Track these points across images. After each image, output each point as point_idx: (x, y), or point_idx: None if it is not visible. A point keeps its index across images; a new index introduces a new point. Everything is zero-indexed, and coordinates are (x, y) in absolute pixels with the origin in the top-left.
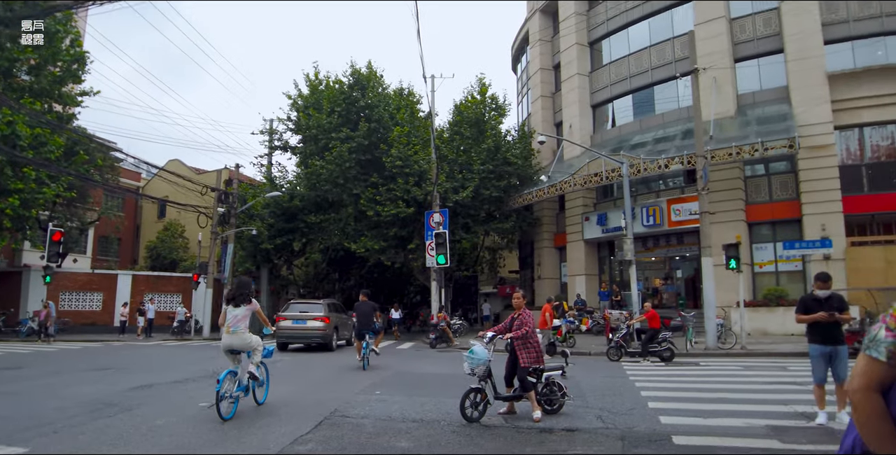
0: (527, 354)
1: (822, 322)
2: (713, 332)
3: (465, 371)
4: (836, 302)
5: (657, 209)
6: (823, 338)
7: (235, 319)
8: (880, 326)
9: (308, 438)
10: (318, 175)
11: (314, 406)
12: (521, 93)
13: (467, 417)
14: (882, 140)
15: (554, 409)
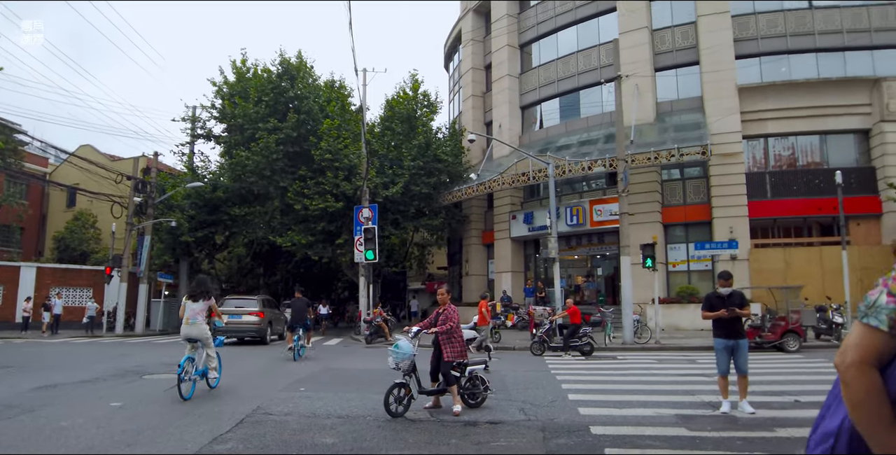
0: (451, 349)
1: (725, 318)
2: (630, 328)
3: (390, 366)
4: (737, 299)
5: (580, 209)
6: (726, 332)
7: (194, 312)
8: (880, 291)
9: (228, 437)
10: (244, 166)
11: (236, 403)
12: (452, 91)
13: (391, 412)
14: (784, 150)
15: (476, 403)
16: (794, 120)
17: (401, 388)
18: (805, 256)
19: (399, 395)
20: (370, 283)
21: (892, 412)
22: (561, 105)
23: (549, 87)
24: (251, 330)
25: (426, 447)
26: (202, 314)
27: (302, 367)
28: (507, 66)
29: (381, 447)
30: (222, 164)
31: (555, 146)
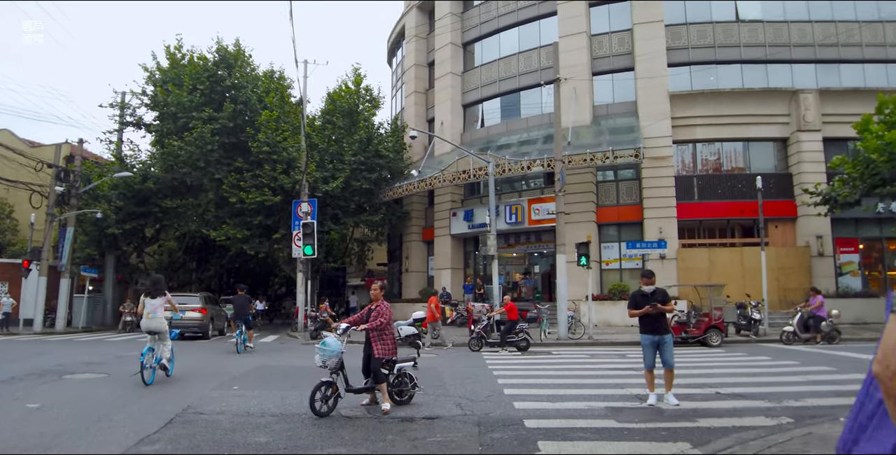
0: (382, 346)
1: (650, 314)
2: (565, 324)
3: (317, 363)
4: (660, 296)
5: (519, 208)
6: (652, 329)
7: (153, 308)
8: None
9: (155, 438)
10: (176, 156)
11: (165, 403)
12: (395, 86)
13: (317, 412)
14: (710, 155)
15: (404, 400)
16: (721, 127)
17: (327, 386)
18: (728, 256)
19: (325, 394)
20: (308, 278)
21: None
22: (502, 105)
23: (491, 87)
24: (194, 325)
25: (362, 444)
26: (160, 309)
27: (236, 364)
28: (449, 64)
29: (316, 445)
30: (153, 154)
31: (495, 145)
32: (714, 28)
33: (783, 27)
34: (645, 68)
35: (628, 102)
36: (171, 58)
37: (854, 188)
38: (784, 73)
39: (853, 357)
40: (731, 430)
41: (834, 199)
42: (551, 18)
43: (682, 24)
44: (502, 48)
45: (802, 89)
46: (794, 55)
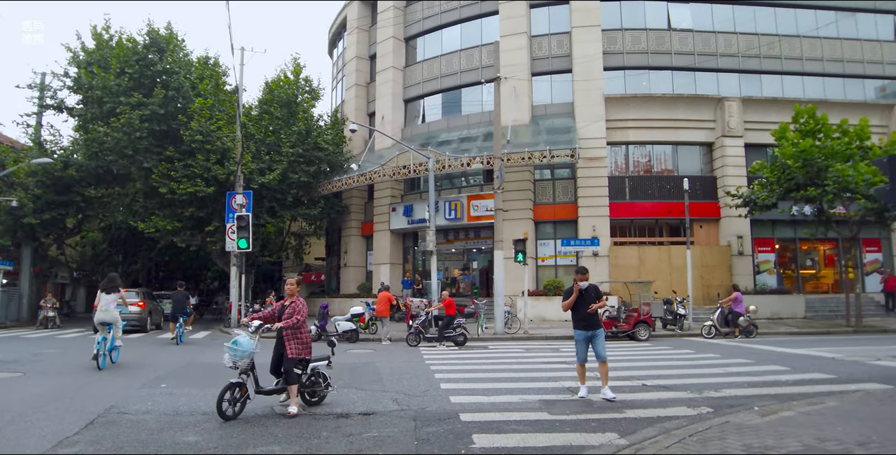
0: (296, 345)
1: (582, 310)
2: (501, 319)
3: (226, 363)
4: (593, 292)
5: (458, 204)
6: (584, 324)
7: (107, 302)
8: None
9: (75, 440)
10: (102, 143)
11: (86, 403)
12: (335, 78)
13: (225, 415)
14: (642, 157)
15: (316, 401)
16: (651, 130)
17: (236, 388)
18: (656, 254)
19: (234, 397)
20: (243, 273)
21: None
22: (443, 101)
23: (433, 83)
24: (133, 319)
25: (296, 441)
26: (114, 303)
27: (166, 361)
28: (391, 58)
29: (248, 443)
30: (76, 140)
31: (436, 141)
32: (647, 35)
33: (711, 37)
34: (582, 71)
35: (565, 103)
36: (97, 39)
37: (772, 192)
38: (711, 81)
39: (768, 350)
40: (655, 420)
41: (753, 202)
42: (493, 17)
43: (618, 29)
44: (444, 45)
45: (727, 97)
46: (721, 64)
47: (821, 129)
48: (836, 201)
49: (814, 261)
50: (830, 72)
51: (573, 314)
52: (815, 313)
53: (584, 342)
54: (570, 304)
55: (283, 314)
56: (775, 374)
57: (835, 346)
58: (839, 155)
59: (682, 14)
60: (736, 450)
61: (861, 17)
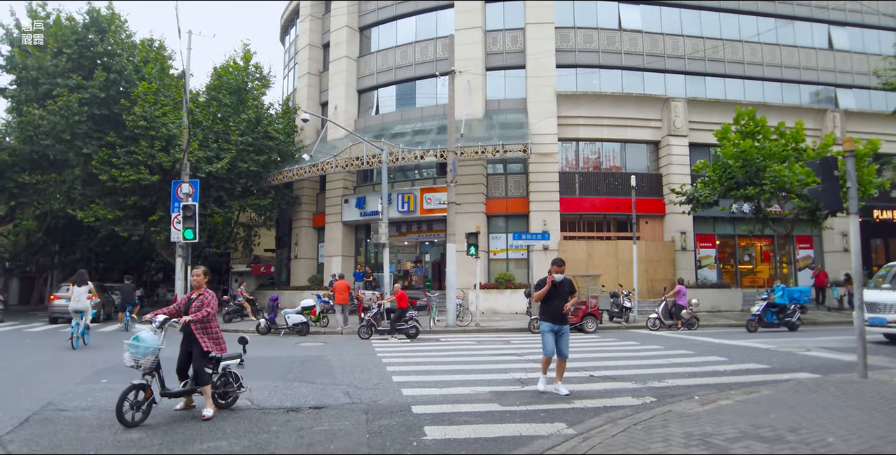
0: (209, 340)
1: (554, 303)
2: (453, 312)
3: (127, 363)
4: (567, 285)
5: (411, 197)
6: (553, 317)
7: (79, 294)
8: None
9: (8, 439)
10: (37, 126)
11: (20, 400)
12: (287, 66)
13: (126, 422)
14: (591, 154)
15: (228, 403)
16: (601, 128)
17: (139, 390)
18: (604, 248)
19: (136, 400)
20: (188, 264)
21: None
22: (397, 93)
23: (387, 74)
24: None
25: (245, 436)
26: (85, 294)
27: (106, 355)
28: (345, 48)
29: (195, 439)
30: (9, 122)
31: (389, 133)
32: (599, 34)
33: (659, 38)
34: (535, 67)
35: (518, 99)
36: (33, 16)
37: (713, 190)
38: (658, 82)
39: (708, 341)
40: (602, 410)
41: (696, 199)
42: (448, 10)
43: (570, 27)
44: (399, 36)
45: (673, 97)
46: (668, 65)
47: (760, 131)
48: (772, 200)
49: (751, 256)
50: (769, 76)
51: (542, 306)
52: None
53: (551, 335)
54: (542, 296)
55: (191, 307)
56: (714, 364)
57: (769, 338)
58: (776, 156)
59: (633, 15)
60: (677, 437)
61: (798, 25)
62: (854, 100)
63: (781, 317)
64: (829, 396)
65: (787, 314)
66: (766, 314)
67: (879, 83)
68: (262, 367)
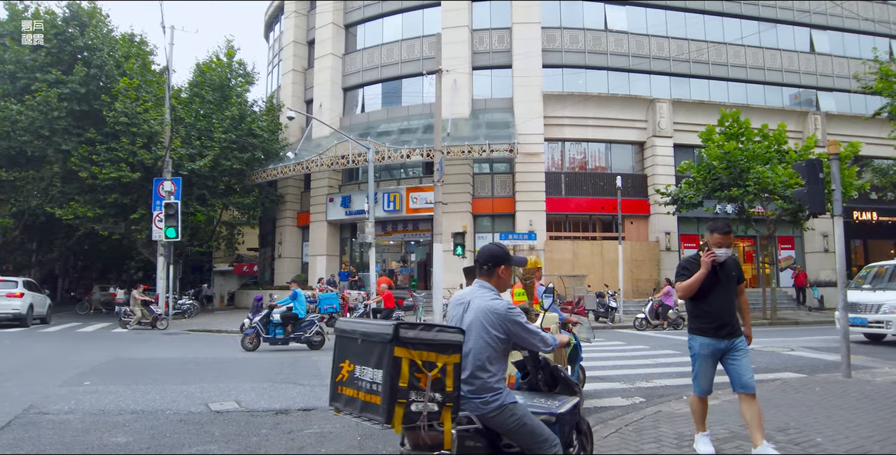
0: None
1: (715, 300)
2: (440, 312)
3: None
4: (734, 268)
5: (397, 196)
6: (717, 324)
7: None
8: None
9: None
10: (15, 122)
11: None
12: (271, 63)
13: None
14: (577, 154)
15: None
16: (587, 128)
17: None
18: (589, 249)
19: None
20: (170, 263)
21: None
22: (383, 91)
23: (373, 72)
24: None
25: (235, 440)
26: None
27: (87, 356)
28: (330, 45)
29: (183, 443)
30: None
31: (375, 132)
32: (585, 34)
33: (645, 40)
34: (521, 67)
35: (505, 98)
36: (10, 9)
37: (698, 191)
38: (644, 83)
39: None
40: (592, 411)
41: (681, 200)
42: (435, 8)
43: (557, 27)
44: (385, 34)
45: (658, 98)
46: (653, 67)
47: (744, 133)
48: (755, 201)
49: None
50: (753, 78)
51: (693, 306)
52: None
53: (712, 360)
54: (694, 288)
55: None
56: None
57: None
58: (759, 158)
59: (619, 16)
60: (669, 438)
61: (781, 28)
62: (835, 103)
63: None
64: (814, 396)
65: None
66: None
67: (859, 87)
68: (249, 369)
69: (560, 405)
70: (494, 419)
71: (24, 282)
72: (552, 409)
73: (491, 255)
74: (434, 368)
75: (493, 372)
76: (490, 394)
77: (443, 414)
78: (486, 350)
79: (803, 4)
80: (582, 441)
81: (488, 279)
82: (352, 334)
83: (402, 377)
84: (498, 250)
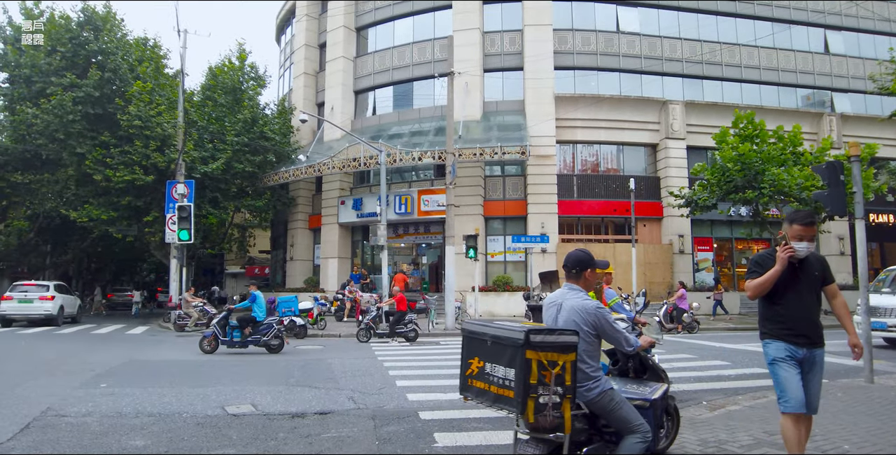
0: None
1: (795, 300)
2: (452, 314)
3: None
4: (818, 265)
5: (409, 198)
6: (798, 329)
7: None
8: None
9: (10, 446)
10: (30, 125)
11: (19, 405)
12: (283, 66)
13: None
14: (590, 157)
15: None
16: (599, 130)
17: None
18: (602, 252)
19: None
20: (183, 265)
21: None
22: (395, 94)
23: (384, 75)
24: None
25: (252, 443)
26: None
27: (102, 358)
28: (342, 48)
29: (201, 447)
30: (1, 121)
31: (387, 134)
32: (597, 36)
33: (657, 41)
34: (533, 69)
35: (516, 101)
36: (27, 13)
37: (712, 193)
38: (656, 84)
39: (709, 345)
40: None
41: (695, 202)
42: (446, 11)
43: (568, 29)
44: (397, 37)
45: (671, 100)
46: (666, 68)
47: (758, 135)
48: (770, 204)
49: (748, 259)
50: (766, 80)
51: (766, 308)
52: (751, 310)
53: (794, 366)
54: (767, 286)
55: None
56: (719, 368)
57: None
58: (775, 160)
59: (631, 18)
60: (693, 444)
61: (795, 29)
62: (850, 104)
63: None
64: (837, 402)
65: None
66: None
67: (875, 87)
68: (263, 371)
69: (652, 391)
70: (597, 404)
71: (55, 285)
72: (646, 395)
73: (578, 260)
74: (556, 366)
75: (590, 363)
76: (591, 382)
77: (563, 404)
78: (582, 344)
79: (818, 5)
80: (669, 424)
81: (576, 281)
82: (481, 336)
83: (532, 375)
84: (584, 256)
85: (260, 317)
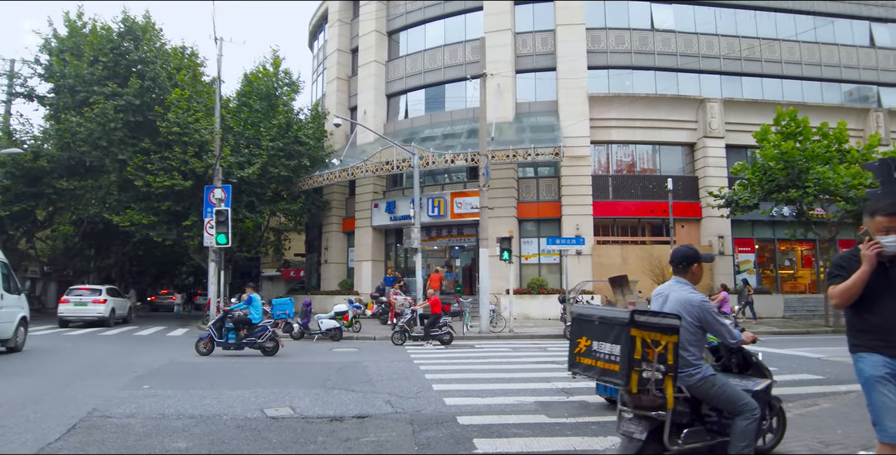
0: None
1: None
2: (487, 317)
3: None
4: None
5: (442, 201)
6: (886, 338)
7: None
8: None
9: (58, 446)
10: (74, 133)
11: (66, 405)
12: (316, 72)
13: None
14: (625, 157)
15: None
16: (634, 130)
17: None
18: (639, 253)
19: None
20: (221, 268)
21: None
22: (426, 97)
23: (416, 78)
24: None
25: (292, 447)
26: None
27: (144, 360)
28: (374, 52)
29: (241, 449)
30: (47, 130)
31: (419, 137)
32: (631, 34)
33: (693, 38)
34: (566, 69)
35: (549, 101)
36: (70, 25)
37: (753, 193)
38: (693, 82)
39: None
40: None
41: (735, 203)
42: (477, 13)
43: (601, 28)
44: (428, 39)
45: (709, 98)
46: (703, 66)
47: (801, 132)
48: (815, 203)
49: (791, 261)
50: (809, 75)
51: (855, 317)
52: (794, 313)
53: (890, 383)
54: (855, 292)
55: None
56: None
57: (817, 346)
58: (819, 157)
59: (665, 15)
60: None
61: (838, 22)
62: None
63: None
64: None
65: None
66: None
67: None
68: (300, 373)
69: (755, 384)
70: (699, 389)
71: (107, 289)
72: (748, 387)
73: (684, 255)
74: (659, 345)
75: (691, 351)
76: (691, 368)
77: (665, 381)
78: (684, 334)
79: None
80: (775, 422)
81: (683, 275)
82: (589, 317)
83: (636, 351)
84: (689, 251)
85: (256, 319)
